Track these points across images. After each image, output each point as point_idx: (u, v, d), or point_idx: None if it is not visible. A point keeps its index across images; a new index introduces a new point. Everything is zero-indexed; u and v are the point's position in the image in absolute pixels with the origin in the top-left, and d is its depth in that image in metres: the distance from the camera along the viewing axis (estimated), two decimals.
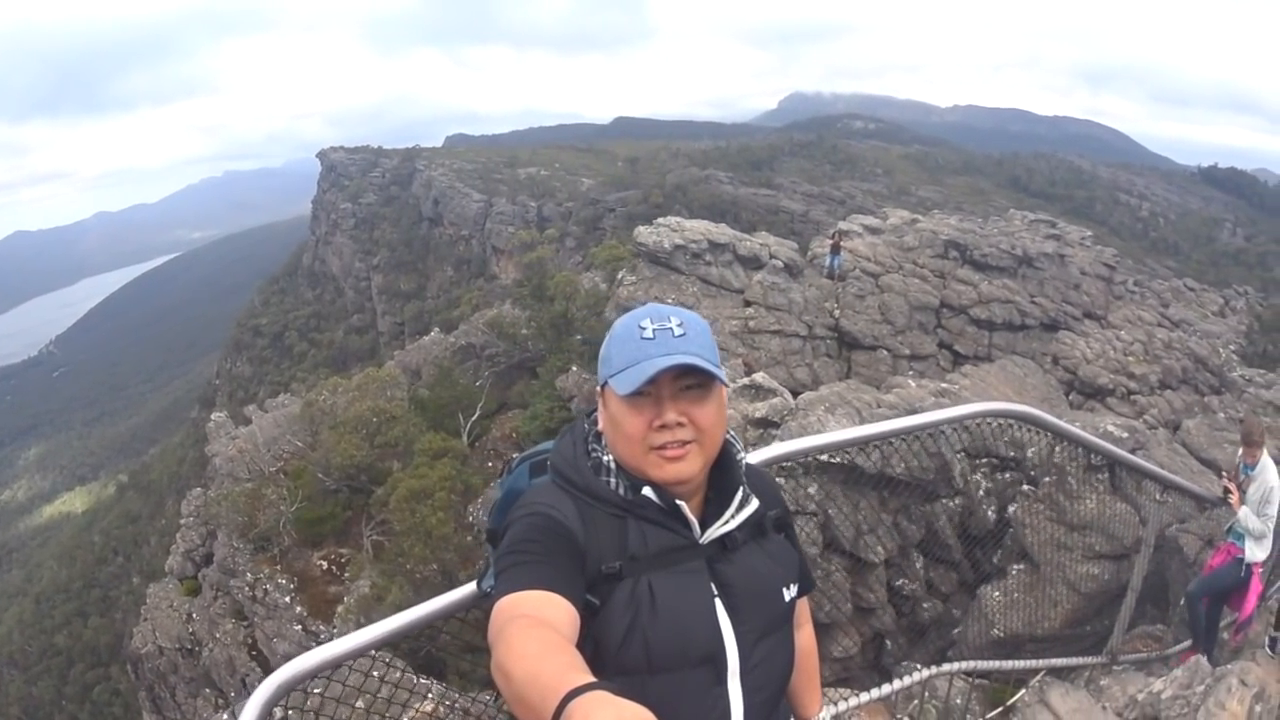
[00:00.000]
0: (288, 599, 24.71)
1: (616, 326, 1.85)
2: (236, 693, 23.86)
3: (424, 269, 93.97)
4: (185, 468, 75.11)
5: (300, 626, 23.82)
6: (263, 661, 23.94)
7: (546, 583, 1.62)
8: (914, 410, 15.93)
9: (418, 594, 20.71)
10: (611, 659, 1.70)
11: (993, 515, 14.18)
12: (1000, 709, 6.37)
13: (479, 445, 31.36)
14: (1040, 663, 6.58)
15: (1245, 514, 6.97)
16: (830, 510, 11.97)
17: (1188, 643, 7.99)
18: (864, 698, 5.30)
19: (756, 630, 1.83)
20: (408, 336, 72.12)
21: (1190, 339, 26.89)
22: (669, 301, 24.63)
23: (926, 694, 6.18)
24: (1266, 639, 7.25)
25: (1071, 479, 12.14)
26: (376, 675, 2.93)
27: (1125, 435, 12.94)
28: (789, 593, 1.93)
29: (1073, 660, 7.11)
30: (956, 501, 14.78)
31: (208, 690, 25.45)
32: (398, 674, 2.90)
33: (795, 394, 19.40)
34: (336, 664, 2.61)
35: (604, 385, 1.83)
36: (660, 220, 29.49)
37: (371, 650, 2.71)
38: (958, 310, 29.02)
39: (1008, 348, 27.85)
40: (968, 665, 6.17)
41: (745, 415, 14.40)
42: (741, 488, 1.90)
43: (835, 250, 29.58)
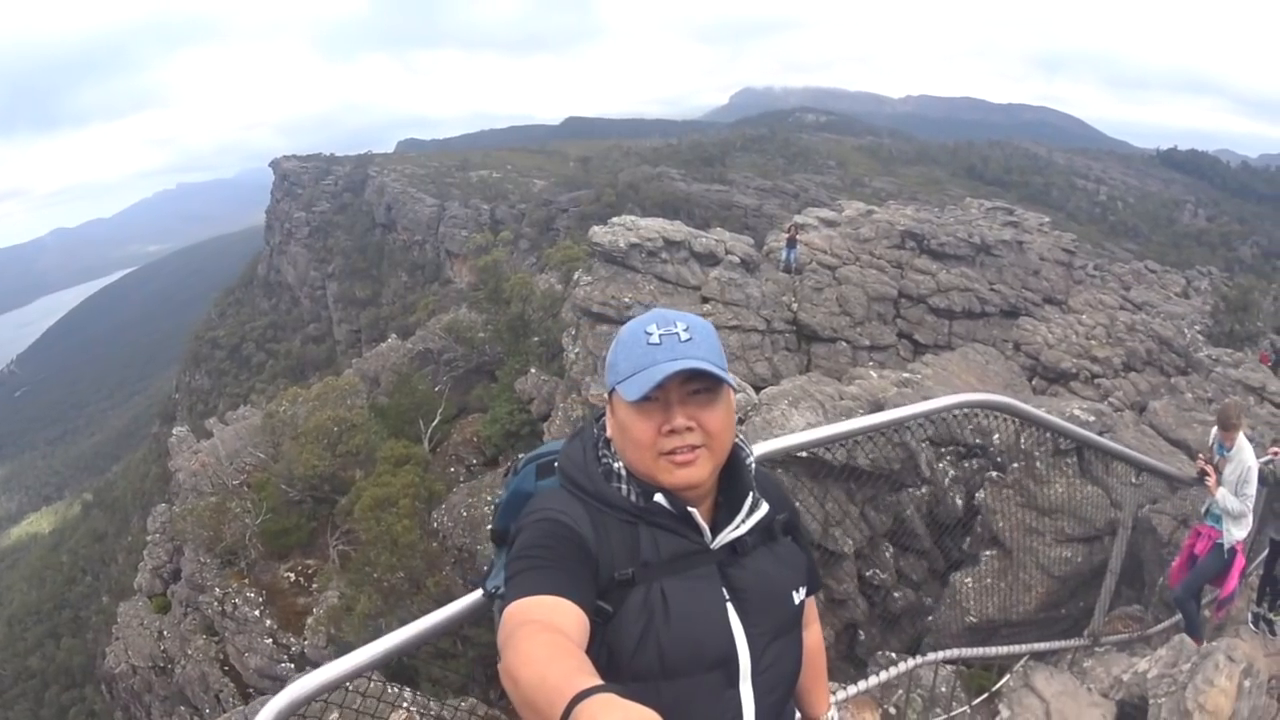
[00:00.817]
0: (257, 612, 24.89)
1: (622, 333, 1.85)
2: (211, 709, 23.78)
3: (379, 275, 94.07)
4: (149, 484, 74.95)
5: (271, 640, 24.01)
6: (235, 677, 24.11)
7: (557, 588, 1.62)
8: (878, 400, 15.85)
9: (386, 603, 20.97)
10: (625, 665, 1.71)
11: (960, 503, 14.16)
12: (986, 695, 6.34)
13: (440, 451, 31.49)
14: (1023, 647, 6.62)
15: (1224, 495, 6.99)
16: (797, 503, 11.81)
17: (1168, 622, 8.14)
18: (853, 690, 5.28)
19: (768, 633, 1.84)
20: (364, 344, 72.56)
21: (1154, 321, 27.12)
22: (626, 300, 24.45)
23: (911, 683, 6.23)
24: (1249, 615, 7.46)
25: (1039, 464, 12.12)
26: (350, 687, 2.74)
27: (1092, 419, 12.91)
28: (798, 595, 1.95)
29: (1055, 644, 7.18)
30: (924, 490, 14.75)
31: (182, 708, 25.40)
32: (369, 684, 2.74)
33: (757, 389, 19.29)
34: (356, 675, 2.55)
35: (611, 391, 1.84)
36: (615, 219, 29.25)
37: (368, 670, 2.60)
38: (916, 300, 29.12)
39: (968, 336, 27.98)
40: (952, 654, 6.23)
41: None
42: (752, 492, 1.91)
43: (791, 244, 29.58)
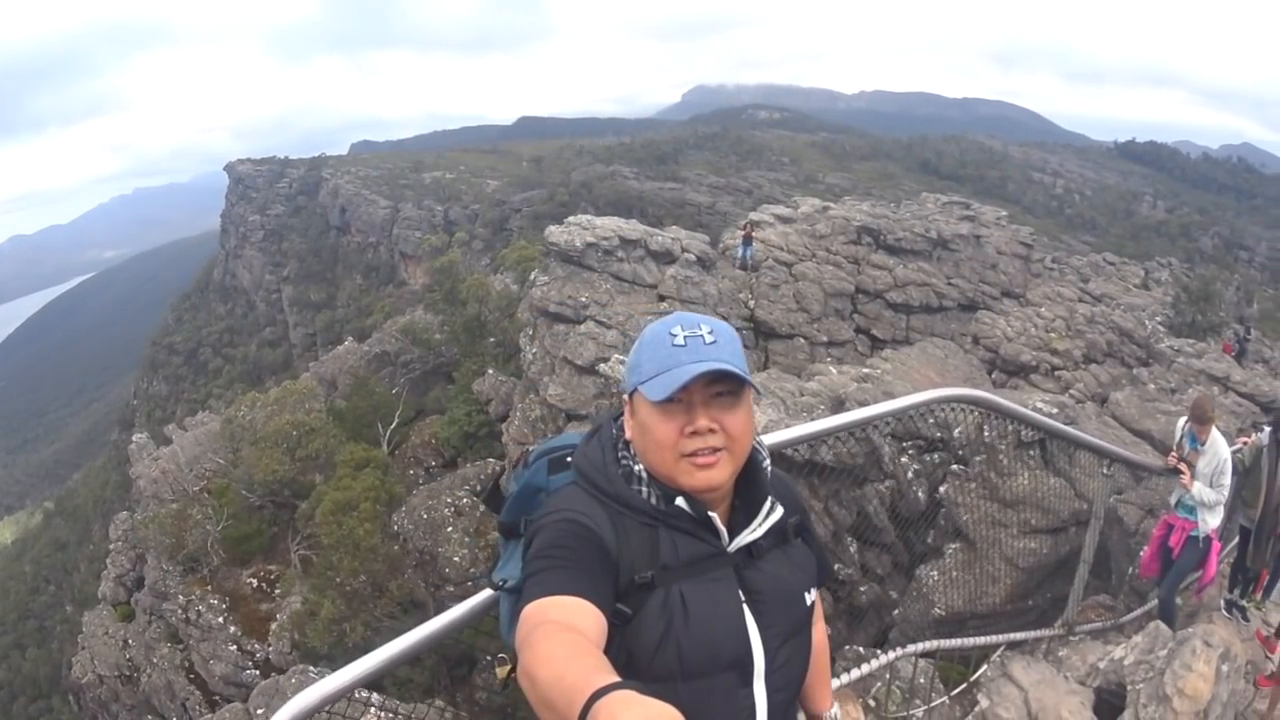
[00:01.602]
0: (221, 619, 24.85)
1: (646, 334, 1.86)
2: (178, 717, 23.88)
3: (333, 278, 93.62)
4: (110, 491, 74.93)
5: (235, 646, 24.00)
6: (201, 684, 24.18)
7: (576, 589, 1.62)
8: (838, 396, 15.78)
9: (349, 607, 21.03)
10: (645, 667, 1.73)
11: (923, 497, 14.13)
12: (965, 684, 6.38)
13: (399, 453, 31.37)
14: (999, 638, 6.69)
15: (1200, 490, 7.02)
16: None
17: (1140, 611, 8.29)
18: (834, 684, 5.07)
19: (781, 634, 1.87)
20: (320, 347, 72.87)
21: (1114, 313, 27.32)
22: (583, 300, 24.21)
23: (889, 675, 6.25)
24: (1222, 601, 7.64)
25: (1003, 456, 12.09)
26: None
27: (1055, 411, 12.92)
28: (809, 596, 1.97)
29: (1030, 633, 7.28)
30: (886, 485, 14.69)
31: (150, 717, 25.34)
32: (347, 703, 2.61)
33: None
34: (364, 684, 2.50)
35: (632, 392, 1.84)
36: (571, 219, 29.03)
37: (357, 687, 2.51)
38: (873, 295, 29.21)
39: (926, 330, 28.12)
40: (931, 645, 6.23)
41: None
42: (769, 496, 1.93)
43: (747, 241, 29.50)
